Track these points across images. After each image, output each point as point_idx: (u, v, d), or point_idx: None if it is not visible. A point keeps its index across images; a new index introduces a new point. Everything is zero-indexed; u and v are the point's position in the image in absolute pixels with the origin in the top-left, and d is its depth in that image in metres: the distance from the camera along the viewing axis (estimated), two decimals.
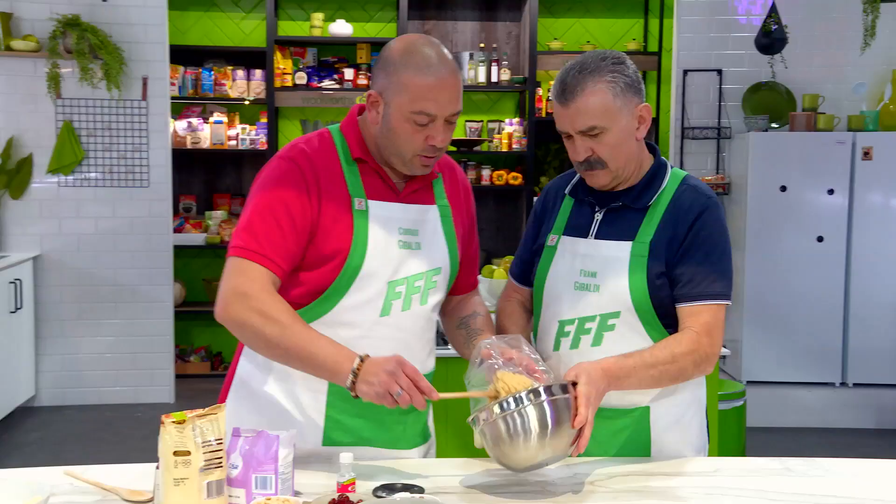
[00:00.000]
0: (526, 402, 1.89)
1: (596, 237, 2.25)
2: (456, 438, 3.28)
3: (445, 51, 2.12)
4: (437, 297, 2.25)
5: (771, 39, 6.08)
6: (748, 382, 5.96)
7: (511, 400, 1.90)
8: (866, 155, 5.93)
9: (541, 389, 1.91)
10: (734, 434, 4.48)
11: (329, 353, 2.00)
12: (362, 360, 1.97)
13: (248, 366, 2.24)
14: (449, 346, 2.54)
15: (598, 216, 2.27)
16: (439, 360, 2.36)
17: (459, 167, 2.40)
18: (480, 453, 2.03)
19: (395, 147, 2.12)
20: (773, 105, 6.40)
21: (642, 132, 2.22)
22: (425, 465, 2.19)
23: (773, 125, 6.33)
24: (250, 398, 2.22)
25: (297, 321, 2.03)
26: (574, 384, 1.97)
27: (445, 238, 2.26)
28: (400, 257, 2.16)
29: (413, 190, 2.22)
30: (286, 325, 2.01)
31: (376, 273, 2.13)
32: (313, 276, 2.12)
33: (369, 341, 2.11)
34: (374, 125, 2.14)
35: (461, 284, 2.38)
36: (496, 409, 1.91)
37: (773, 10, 6.11)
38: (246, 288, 2.04)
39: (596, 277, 2.22)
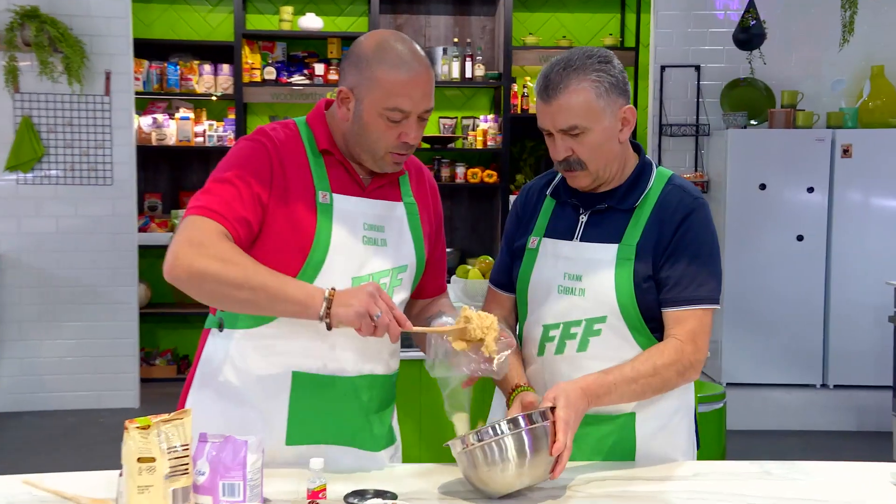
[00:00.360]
0: (505, 431, 1.91)
1: (581, 240, 2.24)
2: (425, 443, 3.29)
3: (418, 47, 2.12)
4: (402, 295, 2.25)
5: (749, 35, 6.12)
6: (728, 384, 6.00)
7: (489, 429, 1.92)
8: (846, 152, 5.99)
9: (520, 418, 1.93)
10: (714, 437, 4.50)
11: (299, 285, 1.99)
12: (334, 289, 1.96)
13: (208, 366, 2.23)
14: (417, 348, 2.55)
15: (583, 218, 2.26)
16: (413, 362, 2.36)
17: (426, 168, 2.40)
18: (452, 459, 2.02)
19: (366, 144, 2.12)
20: (751, 102, 6.45)
21: (625, 134, 2.21)
22: (397, 470, 2.19)
23: (752, 122, 6.37)
24: (211, 399, 2.20)
25: (258, 263, 2.00)
26: (553, 408, 1.98)
27: (412, 235, 2.26)
28: (364, 253, 2.16)
29: (379, 185, 2.21)
30: (248, 265, 1.98)
31: (340, 268, 2.12)
32: (275, 269, 2.09)
33: (331, 338, 2.10)
34: (344, 122, 2.14)
35: (428, 287, 2.38)
36: (473, 438, 1.92)
37: (751, 6, 6.16)
38: (201, 238, 2.00)
39: (581, 281, 2.21)
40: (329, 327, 1.96)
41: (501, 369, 2.03)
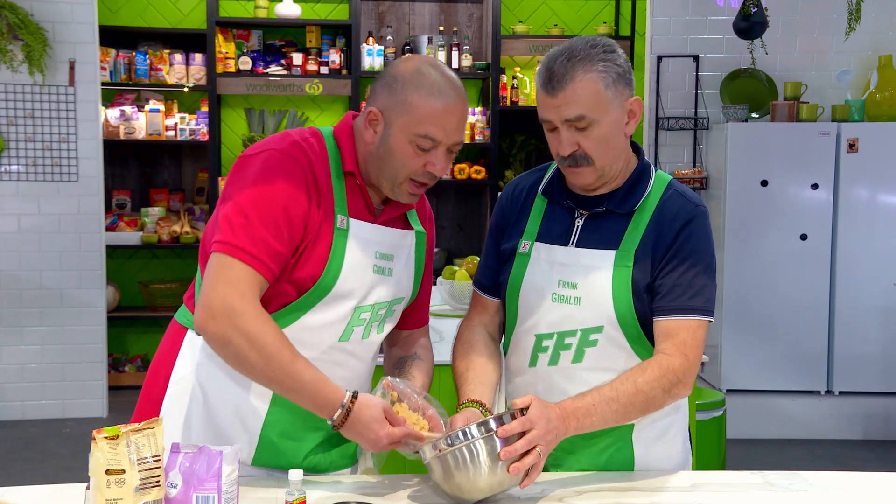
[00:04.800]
0: (476, 434, 1.94)
1: (576, 245, 2.24)
2: (396, 454, 3.31)
3: (455, 77, 2.15)
4: (391, 325, 2.31)
5: (750, 23, 6.14)
6: (728, 391, 6.02)
7: (460, 433, 1.95)
8: (852, 147, 6.02)
9: (491, 421, 1.96)
10: (713, 446, 4.52)
11: (314, 392, 2.03)
12: (351, 406, 2.01)
13: (185, 370, 2.22)
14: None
15: (579, 222, 2.26)
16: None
17: (426, 197, 2.41)
18: (416, 469, 2.06)
19: (389, 169, 2.13)
20: (752, 94, 6.48)
21: (632, 127, 2.21)
22: (379, 481, 2.19)
23: (753, 115, 6.40)
24: (185, 406, 2.20)
25: (283, 350, 2.01)
26: (522, 410, 1.99)
27: (416, 266, 2.31)
28: (372, 282, 2.18)
29: (389, 217, 2.24)
30: (271, 355, 2.00)
31: (347, 295, 2.14)
32: (280, 287, 2.10)
33: (320, 364, 2.10)
34: (370, 144, 2.15)
35: (412, 319, 2.41)
36: (444, 443, 1.96)
37: None
38: (234, 302, 1.99)
39: (576, 289, 2.21)
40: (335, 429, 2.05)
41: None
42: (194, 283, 2.26)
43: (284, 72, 7.19)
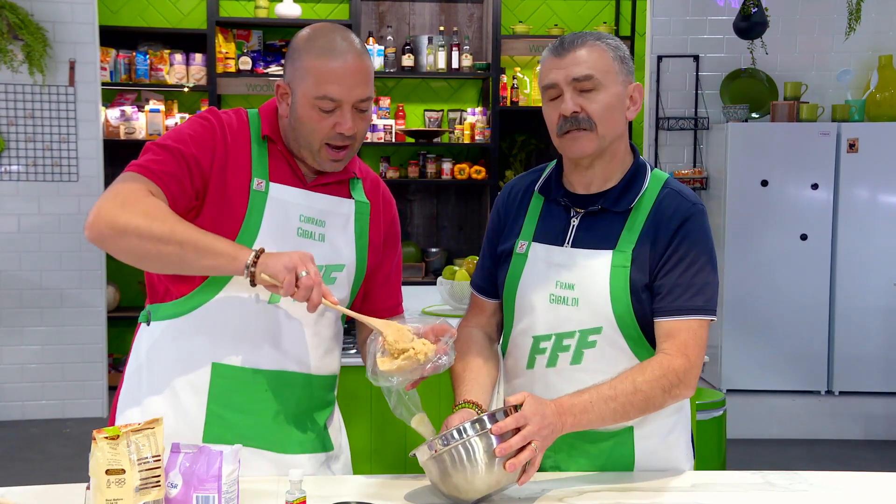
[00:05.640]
0: (471, 432, 1.94)
1: (573, 245, 2.24)
2: (376, 455, 3.30)
3: (353, 35, 2.19)
4: (337, 295, 2.25)
5: (750, 23, 6.14)
6: (728, 391, 6.02)
7: (455, 432, 1.95)
8: (852, 147, 6.02)
9: (485, 418, 1.96)
10: (713, 446, 4.52)
11: (226, 241, 2.03)
12: (263, 248, 2.01)
13: (136, 361, 2.26)
14: None
15: (575, 221, 2.25)
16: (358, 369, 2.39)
17: (384, 183, 2.44)
18: (411, 469, 2.05)
19: (303, 137, 2.18)
20: (752, 94, 6.48)
21: (632, 113, 2.24)
22: (379, 481, 2.19)
23: (753, 115, 6.40)
24: (136, 396, 2.24)
25: (184, 220, 2.04)
26: (516, 407, 1.99)
27: (356, 235, 2.30)
28: (297, 245, 2.18)
29: (323, 182, 2.26)
30: (174, 221, 2.01)
31: None
32: None
33: (251, 332, 2.15)
34: (284, 118, 2.21)
35: (379, 306, 2.38)
36: (439, 443, 1.95)
37: None
38: (126, 193, 2.04)
39: (574, 290, 2.20)
40: (253, 282, 1.98)
41: (444, 364, 2.05)
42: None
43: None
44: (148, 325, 2.24)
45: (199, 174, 2.13)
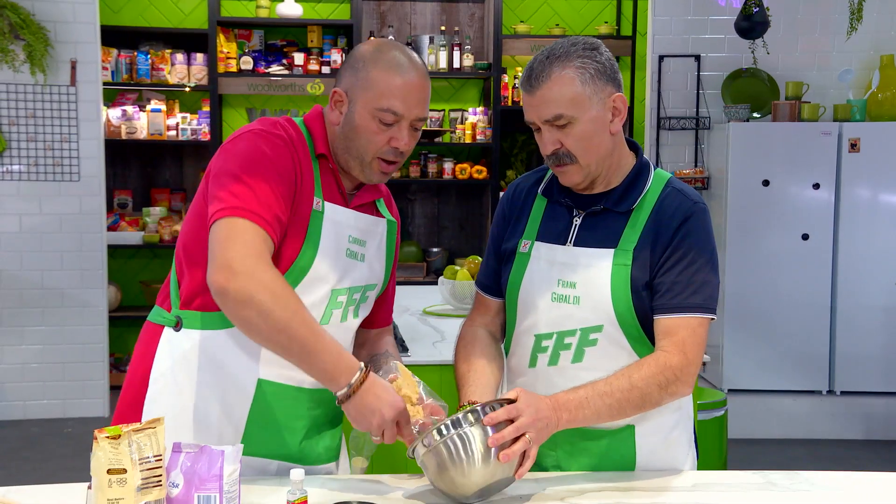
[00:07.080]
0: (464, 423, 1.94)
1: (574, 244, 2.24)
2: (393, 454, 3.31)
3: (416, 56, 2.23)
4: (365, 313, 2.33)
5: (752, 23, 6.14)
6: (729, 391, 6.02)
7: (449, 423, 1.95)
8: (853, 147, 6.02)
9: (479, 409, 1.96)
10: (714, 446, 4.52)
11: (332, 354, 2.01)
12: (364, 375, 2.00)
13: (165, 366, 2.20)
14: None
15: (577, 221, 2.26)
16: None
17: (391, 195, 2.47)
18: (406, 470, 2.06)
19: (356, 147, 2.17)
20: (754, 93, 6.47)
21: (617, 125, 2.21)
22: (379, 481, 2.19)
23: (755, 115, 6.40)
24: (172, 398, 2.19)
25: (301, 306, 2.01)
26: (510, 401, 2.00)
27: (387, 254, 2.35)
28: (345, 266, 2.20)
29: (360, 203, 2.27)
30: (295, 309, 1.99)
31: (323, 278, 2.17)
32: None
33: None
34: (335, 125, 2.20)
35: (380, 316, 2.43)
36: (435, 435, 1.95)
37: None
38: (253, 259, 1.98)
39: (575, 288, 2.21)
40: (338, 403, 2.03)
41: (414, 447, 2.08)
42: (168, 283, 2.25)
43: (286, 72, 7.19)
44: (177, 330, 2.18)
45: (290, 205, 2.11)
